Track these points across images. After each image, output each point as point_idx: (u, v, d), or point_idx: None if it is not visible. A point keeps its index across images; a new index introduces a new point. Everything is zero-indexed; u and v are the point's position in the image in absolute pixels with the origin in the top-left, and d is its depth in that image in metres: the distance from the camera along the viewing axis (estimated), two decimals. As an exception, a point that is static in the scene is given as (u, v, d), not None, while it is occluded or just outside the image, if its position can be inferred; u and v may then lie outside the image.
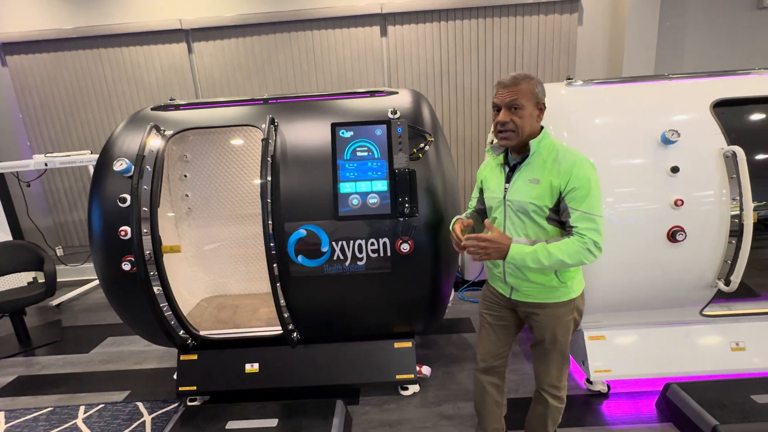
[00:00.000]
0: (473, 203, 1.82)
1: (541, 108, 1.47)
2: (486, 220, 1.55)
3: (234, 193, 3.03)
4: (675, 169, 1.96)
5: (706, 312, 2.26)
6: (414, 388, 2.42)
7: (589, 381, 2.33)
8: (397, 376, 2.33)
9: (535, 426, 1.81)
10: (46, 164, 3.73)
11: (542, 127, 1.51)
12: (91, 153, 4.06)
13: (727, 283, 2.06)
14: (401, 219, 1.96)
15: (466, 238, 1.47)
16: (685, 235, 1.97)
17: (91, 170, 4.22)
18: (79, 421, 2.38)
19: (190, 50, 4.35)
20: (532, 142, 1.47)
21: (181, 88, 4.43)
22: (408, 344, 2.34)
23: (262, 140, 1.97)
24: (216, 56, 4.35)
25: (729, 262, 2.05)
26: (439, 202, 2.00)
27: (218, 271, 3.12)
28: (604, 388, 2.32)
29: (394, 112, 2.07)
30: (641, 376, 2.32)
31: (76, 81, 4.45)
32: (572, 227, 1.41)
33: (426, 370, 2.51)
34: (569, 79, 2.44)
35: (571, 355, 2.55)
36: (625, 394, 2.32)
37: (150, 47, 4.35)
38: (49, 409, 2.52)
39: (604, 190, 2.00)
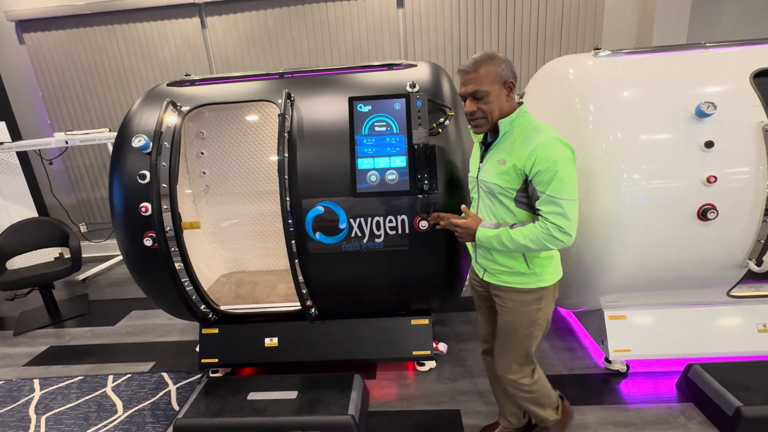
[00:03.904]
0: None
1: (509, 87, 1.41)
2: (462, 206, 1.59)
3: (251, 170, 3.03)
4: (709, 144, 1.86)
5: (734, 293, 2.20)
6: (430, 364, 2.44)
7: (607, 360, 2.31)
8: (414, 353, 2.35)
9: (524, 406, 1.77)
10: (66, 142, 3.77)
11: (520, 104, 1.45)
12: (109, 131, 4.10)
13: (759, 263, 1.98)
14: (420, 196, 1.92)
15: (439, 217, 1.62)
16: (717, 213, 1.88)
17: (110, 148, 4.28)
18: (108, 390, 2.49)
19: (203, 25, 4.29)
20: (502, 122, 1.42)
21: (195, 63, 4.40)
22: (425, 321, 2.35)
23: (279, 116, 1.94)
24: (229, 31, 4.28)
25: (762, 241, 1.97)
26: (459, 179, 1.95)
27: (236, 248, 3.16)
28: (623, 368, 2.30)
29: (413, 86, 2.01)
30: (662, 356, 2.29)
31: (92, 58, 4.45)
32: (539, 210, 1.37)
33: (442, 346, 2.53)
34: (597, 49, 2.31)
35: (589, 334, 2.55)
36: (644, 374, 2.30)
37: (164, 22, 4.30)
38: (80, 377, 2.64)
39: (631, 166, 1.93)
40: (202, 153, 2.97)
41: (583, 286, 2.23)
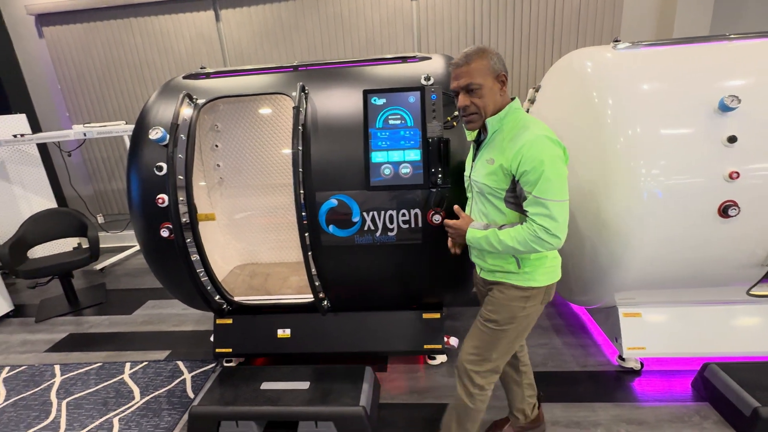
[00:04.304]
0: None
1: (502, 80, 1.38)
2: (455, 207, 1.57)
3: (264, 163, 3.05)
4: (732, 139, 1.81)
5: (754, 291, 2.15)
6: (441, 358, 2.45)
7: (621, 358, 2.29)
8: (425, 346, 2.35)
9: (444, 420, 1.66)
10: (84, 134, 3.84)
11: (513, 99, 1.42)
12: (126, 123, 4.16)
13: (782, 261, 1.93)
14: (433, 190, 1.91)
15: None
16: (738, 210, 1.84)
17: (126, 140, 4.34)
18: (125, 376, 2.55)
19: (217, 18, 4.31)
20: (490, 120, 1.38)
21: (209, 56, 4.43)
22: (436, 315, 2.35)
23: (294, 108, 1.94)
24: (243, 24, 4.30)
25: (785, 239, 1.92)
26: (473, 173, 1.94)
27: (249, 240, 3.19)
28: (637, 366, 2.28)
29: (428, 79, 1.99)
30: (677, 354, 2.26)
31: (109, 51, 4.52)
32: (526, 211, 1.33)
33: (454, 341, 2.53)
34: (616, 41, 2.26)
35: (603, 331, 2.53)
36: (658, 372, 2.27)
37: (178, 15, 4.33)
38: (99, 364, 2.71)
39: (650, 161, 1.89)
40: (217, 145, 2.99)
41: (598, 283, 2.20)
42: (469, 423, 1.58)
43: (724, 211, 1.84)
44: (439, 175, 1.84)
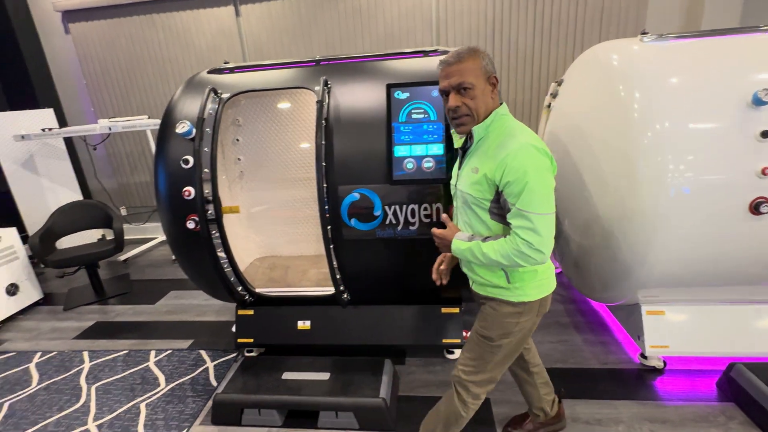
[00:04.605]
0: None
1: (493, 83, 1.32)
2: (443, 215, 1.52)
3: (284, 157, 3.08)
4: (766, 134, 1.76)
5: (784, 291, 2.09)
6: (459, 353, 2.45)
7: (643, 356, 2.26)
8: (444, 340, 2.36)
9: (427, 420, 1.62)
10: (110, 128, 3.94)
11: (501, 103, 1.36)
12: (148, 118, 4.25)
13: (815, 260, 1.88)
14: (455, 184, 1.91)
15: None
16: (771, 207, 1.79)
17: (149, 134, 4.44)
18: (151, 364, 2.63)
19: (237, 13, 4.35)
20: (476, 128, 1.32)
21: (230, 51, 4.48)
22: (455, 310, 2.35)
23: (317, 102, 1.96)
24: (263, 19, 4.33)
25: (819, 238, 1.87)
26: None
27: (269, 233, 3.24)
28: (659, 364, 2.25)
29: (451, 73, 1.98)
30: (702, 354, 2.22)
31: (132, 47, 4.61)
32: (510, 224, 1.28)
33: (472, 335, 2.53)
34: (644, 33, 2.21)
35: (624, 329, 2.49)
36: (681, 372, 2.23)
37: (199, 11, 4.39)
38: (125, 351, 2.79)
39: (678, 157, 1.85)
40: (238, 139, 3.04)
41: (620, 280, 2.17)
42: (455, 428, 1.55)
43: (755, 208, 1.80)
44: (462, 170, 1.84)
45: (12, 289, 3.36)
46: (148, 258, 4.59)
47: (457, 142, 1.48)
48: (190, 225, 2.08)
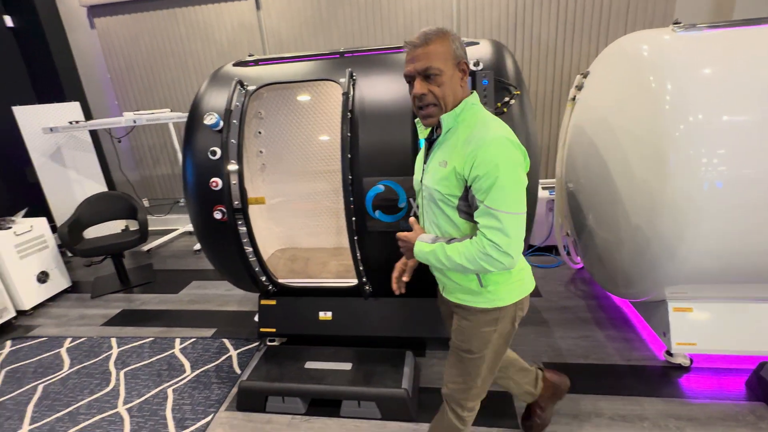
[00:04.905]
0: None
1: (463, 69, 1.21)
2: (411, 218, 1.41)
3: (305, 150, 3.10)
4: (805, 126, 1.71)
5: (820, 289, 2.04)
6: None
7: (669, 353, 2.23)
8: (465, 333, 2.36)
9: None
10: (134, 121, 4.02)
11: (472, 92, 1.25)
12: (171, 111, 4.32)
13: None
14: (481, 177, 1.90)
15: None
16: (809, 203, 1.74)
17: (171, 127, 4.52)
18: (176, 351, 2.70)
19: (258, 6, 4.38)
20: (445, 117, 1.20)
21: (250, 45, 4.51)
22: (477, 303, 2.35)
23: (343, 94, 1.97)
24: (283, 12, 4.35)
25: None
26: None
27: (289, 225, 3.27)
28: (686, 362, 2.21)
29: (477, 64, 1.96)
30: (730, 352, 2.18)
31: (155, 41, 4.68)
32: (477, 223, 1.16)
33: (493, 329, 2.52)
34: (676, 23, 2.16)
35: (649, 325, 2.46)
36: (708, 370, 2.19)
37: (220, 5, 4.43)
38: (151, 339, 2.87)
39: (712, 150, 1.81)
40: (260, 132, 3.07)
41: (647, 276, 2.14)
42: None
43: (792, 202, 1.75)
44: (489, 162, 1.83)
45: (43, 277, 3.47)
46: (170, 249, 4.69)
47: (422, 132, 1.37)
48: (217, 215, 2.11)
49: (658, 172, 1.92)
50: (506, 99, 1.91)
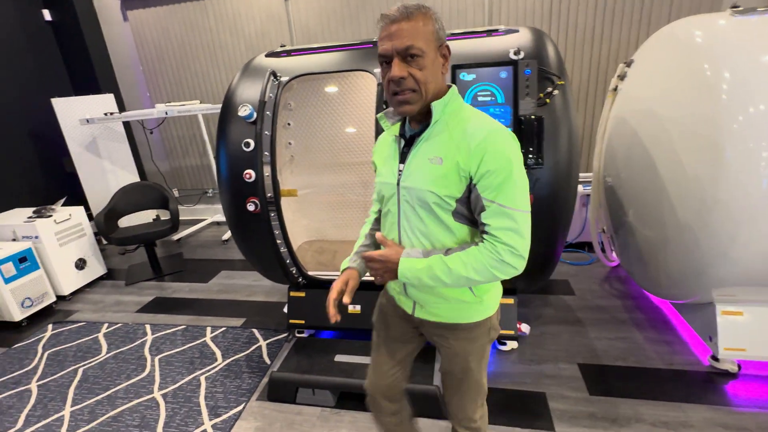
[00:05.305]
0: (375, 207, 1.38)
1: (444, 54, 1.05)
2: (378, 234, 1.17)
3: (333, 142, 3.08)
4: None
5: None
6: (512, 344, 2.40)
7: (715, 358, 2.12)
8: (496, 331, 2.31)
9: None
10: (166, 113, 4.09)
11: (450, 85, 1.10)
12: (200, 102, 4.38)
13: None
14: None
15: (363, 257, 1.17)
16: None
17: (200, 119, 4.57)
18: (207, 339, 2.75)
19: (286, -3, 4.35)
20: (436, 104, 1.04)
21: (278, 37, 4.50)
22: (510, 301, 2.29)
23: (378, 85, 1.92)
24: (310, 3, 4.31)
25: None
26: (564, 154, 1.83)
27: (316, 217, 3.27)
28: (733, 368, 2.09)
29: (517, 53, 1.88)
30: (784, 359, 2.05)
31: (185, 33, 4.73)
32: (484, 225, 1.02)
33: (525, 327, 2.46)
34: (735, 7, 2.01)
35: (692, 328, 2.34)
36: (758, 377, 2.07)
37: (249, -4, 4.43)
38: (183, 326, 2.93)
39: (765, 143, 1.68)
40: (289, 124, 3.06)
41: (694, 277, 2.03)
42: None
43: None
44: (531, 156, 1.75)
45: (80, 264, 3.60)
46: (198, 238, 4.78)
47: (386, 125, 1.19)
48: (251, 207, 2.12)
49: (711, 167, 1.80)
50: (549, 89, 1.83)
